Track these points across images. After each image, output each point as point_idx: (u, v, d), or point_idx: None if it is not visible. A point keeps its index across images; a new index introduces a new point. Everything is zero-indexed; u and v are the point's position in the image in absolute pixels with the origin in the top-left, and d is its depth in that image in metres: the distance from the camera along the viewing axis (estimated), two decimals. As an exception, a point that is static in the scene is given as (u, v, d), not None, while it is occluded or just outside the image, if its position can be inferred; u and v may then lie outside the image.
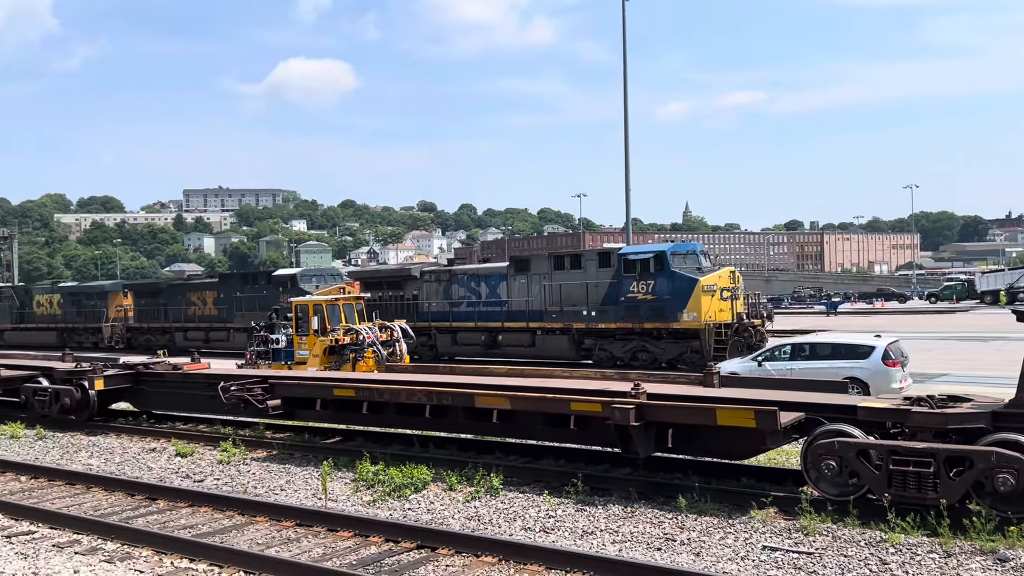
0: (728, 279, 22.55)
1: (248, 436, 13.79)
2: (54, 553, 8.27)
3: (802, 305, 74.73)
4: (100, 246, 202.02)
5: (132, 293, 40.27)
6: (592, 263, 24.21)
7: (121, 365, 16.49)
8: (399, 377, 13.53)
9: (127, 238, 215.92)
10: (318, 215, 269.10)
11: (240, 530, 8.95)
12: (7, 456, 13.30)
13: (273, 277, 34.65)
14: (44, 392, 15.74)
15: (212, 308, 35.72)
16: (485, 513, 9.24)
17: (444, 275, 28.17)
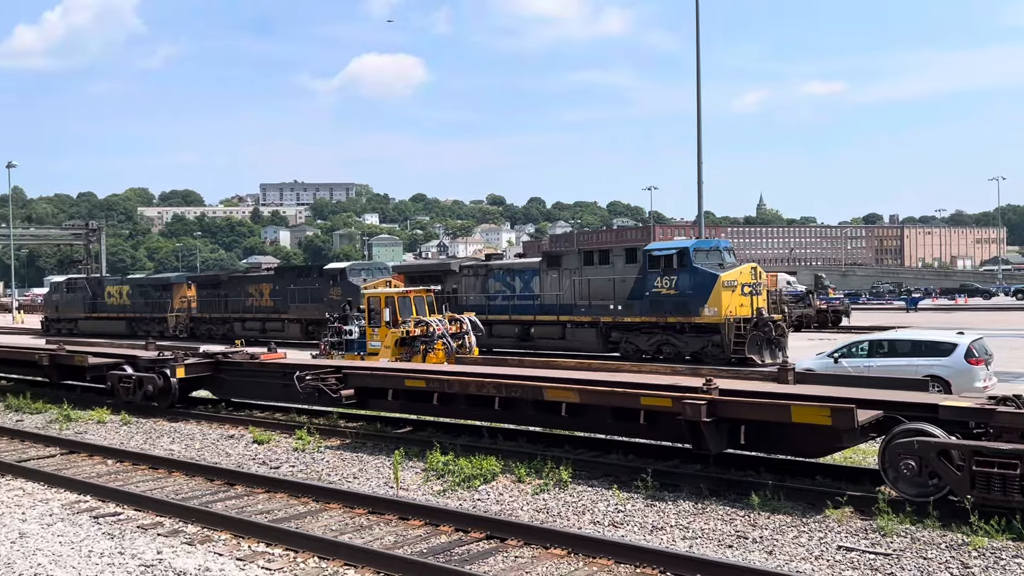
0: (750, 275, 23.08)
1: (322, 425, 14.07)
2: (139, 534, 8.59)
3: (880, 301, 72.70)
4: (181, 238, 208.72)
5: (195, 285, 41.67)
6: (620, 259, 24.90)
7: (201, 354, 16.99)
8: (469, 369, 13.65)
9: (206, 231, 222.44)
10: (390, 209, 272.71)
11: (314, 516, 9.16)
12: (95, 440, 13.85)
13: (324, 271, 35.83)
14: (129, 379, 16.33)
15: (268, 300, 37.07)
16: (554, 506, 9.26)
17: (481, 270, 29.04)
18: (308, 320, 34.95)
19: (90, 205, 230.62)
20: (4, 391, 19.54)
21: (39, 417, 16.36)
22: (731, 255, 24.32)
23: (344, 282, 33.78)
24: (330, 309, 32.76)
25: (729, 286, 22.42)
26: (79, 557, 7.86)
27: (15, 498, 10.21)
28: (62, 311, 47.13)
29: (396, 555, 7.45)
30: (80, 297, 46.24)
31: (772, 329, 22.41)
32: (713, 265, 23.09)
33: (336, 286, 33.96)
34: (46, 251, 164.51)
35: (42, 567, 7.60)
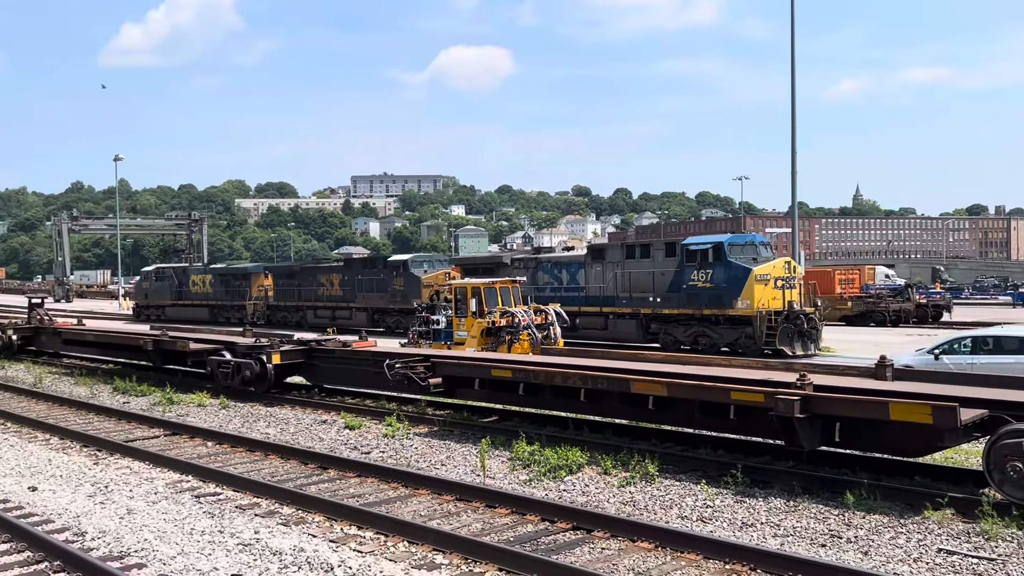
0: (783, 269, 23.79)
1: (411, 412, 14.32)
2: (237, 514, 8.92)
3: (985, 296, 69.49)
4: (275, 229, 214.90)
5: (272, 275, 43.34)
6: (659, 252, 25.87)
7: (296, 341, 17.50)
8: (554, 360, 13.66)
9: (300, 222, 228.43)
10: (476, 200, 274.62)
11: (404, 501, 9.34)
12: (196, 423, 14.42)
13: (388, 262, 37.40)
14: (227, 365, 16.94)
15: (338, 289, 38.41)
16: (640, 499, 9.21)
17: (531, 262, 30.16)
18: (374, 309, 36.38)
19: (190, 196, 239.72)
20: (112, 374, 20.54)
21: (144, 400, 17.13)
22: (768, 249, 25.11)
23: (406, 273, 35.15)
24: (393, 299, 35.12)
25: (762, 280, 23.17)
26: (182, 534, 8.21)
27: (123, 476, 10.74)
28: (151, 298, 49.59)
29: (483, 542, 7.54)
30: (167, 285, 48.63)
31: (804, 322, 23.06)
32: (747, 259, 23.83)
33: (399, 277, 35.40)
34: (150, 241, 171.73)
35: (148, 542, 7.98)
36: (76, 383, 19.80)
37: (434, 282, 33.03)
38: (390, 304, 35.45)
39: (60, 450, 12.50)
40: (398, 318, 34.39)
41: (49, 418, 15.02)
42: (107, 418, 15.22)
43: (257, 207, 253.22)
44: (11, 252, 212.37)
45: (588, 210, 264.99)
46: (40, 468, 11.24)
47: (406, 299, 34.13)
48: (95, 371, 21.77)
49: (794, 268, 24.32)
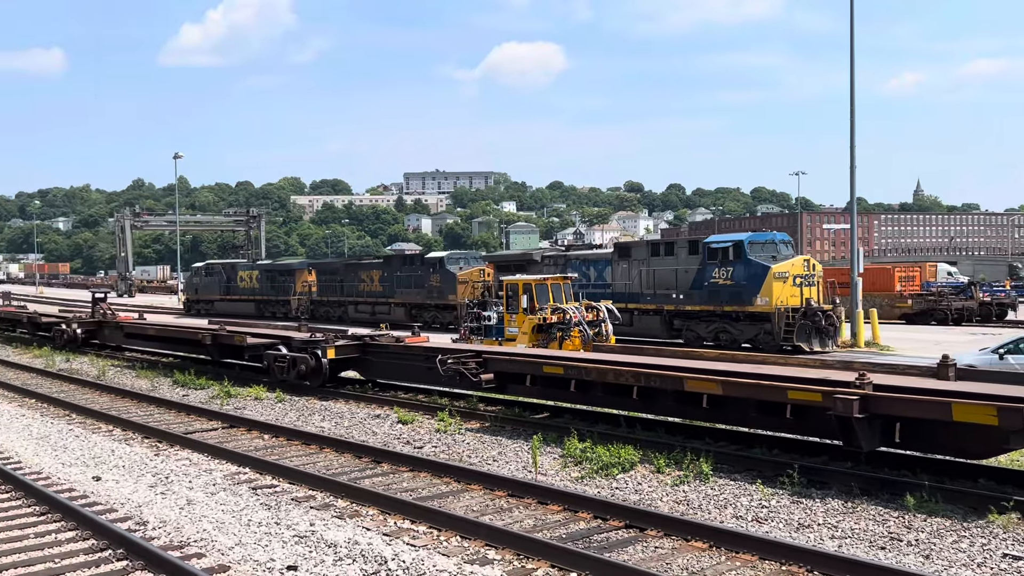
0: (802, 267, 24.37)
1: (462, 407, 14.38)
2: (293, 506, 9.06)
3: (1052, 294, 67.11)
4: (330, 225, 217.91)
5: (315, 271, 44.56)
6: (683, 250, 26.55)
7: (350, 336, 17.71)
8: (606, 357, 13.59)
9: (353, 218, 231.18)
10: (527, 196, 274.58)
11: (456, 496, 9.39)
12: (253, 416, 14.68)
13: (426, 259, 38.68)
14: (283, 359, 17.20)
15: (378, 285, 39.50)
16: (694, 498, 9.11)
17: (560, 259, 31.10)
18: (411, 304, 37.38)
19: (247, 193, 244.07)
20: (172, 368, 21.02)
21: (202, 393, 17.50)
22: (788, 248, 25.64)
23: (442, 270, 36.04)
24: (430, 294, 36.37)
25: (780, 277, 23.74)
26: (239, 525, 8.37)
27: (183, 467, 10.98)
28: (201, 293, 51.20)
29: (536, 538, 7.53)
30: (216, 281, 50.23)
31: (822, 318, 23.53)
32: (766, 257, 24.40)
33: (435, 273, 36.31)
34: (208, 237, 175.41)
35: (207, 532, 8.15)
36: (138, 376, 20.32)
37: (469, 278, 34.48)
38: (427, 300, 36.54)
39: (123, 441, 12.84)
40: (435, 313, 35.69)
41: (112, 410, 15.44)
42: (167, 410, 15.59)
43: (312, 204, 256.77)
44: (75, 248, 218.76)
45: (640, 206, 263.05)
46: (104, 458, 11.56)
47: (442, 295, 35.49)
48: (156, 364, 22.31)
49: (813, 266, 24.79)
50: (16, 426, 14.16)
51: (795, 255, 25.23)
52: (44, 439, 13.01)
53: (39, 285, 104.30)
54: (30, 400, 17.08)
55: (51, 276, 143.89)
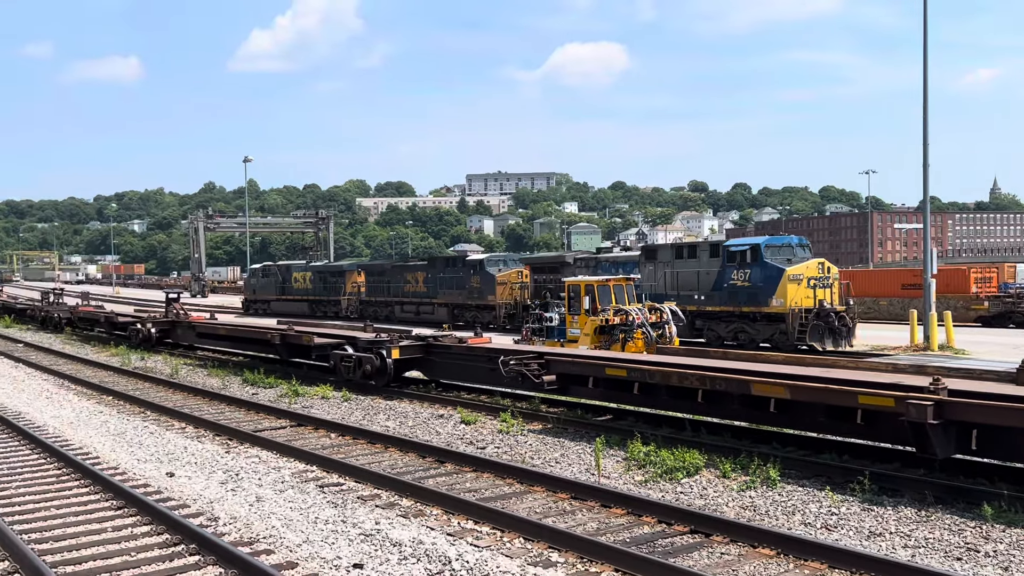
0: (816, 270, 25.16)
1: (525, 408, 14.39)
2: (359, 504, 9.19)
3: None
4: (394, 227, 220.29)
5: (364, 272, 46.14)
6: (705, 253, 27.56)
7: (414, 337, 17.88)
8: (670, 360, 13.45)
9: (417, 220, 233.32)
10: (589, 197, 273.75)
11: (519, 498, 9.40)
12: (319, 415, 14.94)
13: (467, 261, 39.60)
14: (349, 359, 17.46)
15: (422, 286, 40.82)
16: (761, 504, 8.96)
17: (591, 261, 32.70)
18: (453, 304, 38.51)
19: (314, 196, 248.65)
20: (242, 366, 21.53)
21: (271, 391, 17.87)
22: (805, 251, 26.54)
23: (482, 271, 37.03)
24: (470, 295, 37.46)
25: (795, 279, 24.58)
26: (307, 523, 8.52)
27: (252, 465, 11.23)
28: (258, 294, 53.25)
29: (599, 542, 7.49)
30: (272, 282, 52.24)
31: (835, 319, 24.21)
32: (782, 260, 25.35)
33: (476, 275, 37.31)
34: (276, 238, 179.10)
35: (275, 529, 8.32)
36: (209, 374, 20.85)
37: (507, 280, 36.08)
38: (468, 300, 37.59)
39: (195, 438, 13.19)
40: (475, 313, 36.85)
41: (185, 407, 15.87)
42: (237, 408, 15.96)
43: (377, 206, 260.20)
44: (149, 249, 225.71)
45: (705, 206, 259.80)
46: (177, 455, 11.90)
47: (482, 295, 36.61)
48: (226, 363, 22.87)
49: (828, 268, 25.56)
50: (94, 423, 14.67)
51: (811, 258, 26.12)
52: (120, 435, 13.45)
53: (115, 286, 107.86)
54: (107, 397, 17.68)
55: (127, 277, 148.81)
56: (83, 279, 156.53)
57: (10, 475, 10.76)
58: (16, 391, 18.77)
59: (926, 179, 26.71)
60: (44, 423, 14.61)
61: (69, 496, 9.69)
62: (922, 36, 26.29)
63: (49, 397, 17.79)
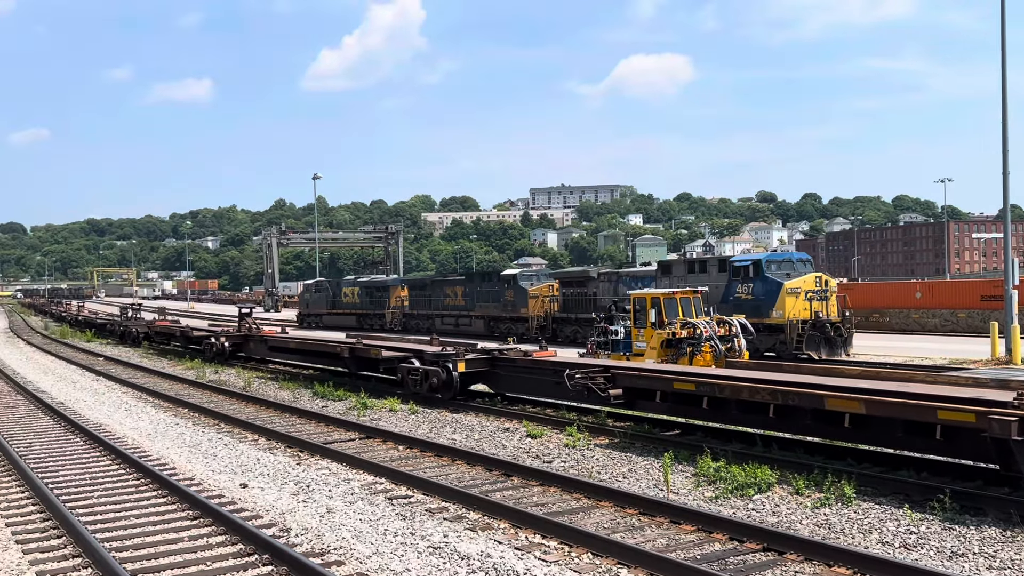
0: (813, 283, 26.63)
1: (591, 422, 14.31)
2: (427, 517, 9.25)
3: None
4: (458, 241, 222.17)
5: (407, 287, 48.07)
6: (714, 268, 29.20)
7: (479, 350, 17.95)
8: (740, 374, 13.22)
9: (481, 234, 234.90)
10: (653, 209, 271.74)
11: (587, 512, 9.34)
12: (388, 427, 15.09)
13: (501, 276, 41.30)
14: (416, 372, 17.62)
15: (461, 299, 42.42)
16: (836, 521, 8.72)
17: (613, 276, 34.92)
18: (489, 316, 39.99)
19: (380, 211, 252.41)
20: (312, 379, 21.91)
21: (340, 404, 18.13)
22: (805, 266, 28.13)
23: (515, 286, 38.48)
24: (505, 308, 38.91)
25: (793, 293, 26.08)
26: (376, 534, 8.60)
27: (323, 476, 11.40)
28: (311, 308, 55.53)
29: (669, 558, 7.38)
30: (324, 296, 54.46)
31: (829, 329, 25.75)
32: (781, 275, 26.94)
33: (510, 288, 38.75)
34: (345, 253, 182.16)
35: (346, 541, 8.42)
36: (280, 387, 21.27)
37: (539, 293, 37.23)
38: (503, 313, 38.99)
39: (267, 450, 13.46)
40: (509, 325, 37.91)
41: (257, 420, 16.21)
42: (308, 421, 16.24)
43: (441, 220, 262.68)
44: (222, 265, 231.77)
45: (774, 217, 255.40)
46: (250, 466, 12.15)
47: (515, 308, 38.07)
48: (297, 376, 23.31)
49: (826, 282, 27.12)
50: (171, 434, 15.09)
51: (810, 273, 27.55)
52: (196, 447, 13.80)
53: (190, 300, 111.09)
54: (183, 410, 18.17)
55: (201, 292, 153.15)
56: (159, 295, 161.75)
57: (92, 485, 11.13)
58: (97, 403, 19.44)
59: (1006, 187, 25.80)
60: (124, 435, 15.09)
61: (147, 506, 9.97)
62: (1000, 39, 25.46)
63: (128, 409, 18.38)
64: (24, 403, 19.60)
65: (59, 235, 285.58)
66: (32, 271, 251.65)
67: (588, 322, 32.10)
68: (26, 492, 10.66)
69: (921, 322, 37.83)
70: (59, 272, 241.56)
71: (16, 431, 15.41)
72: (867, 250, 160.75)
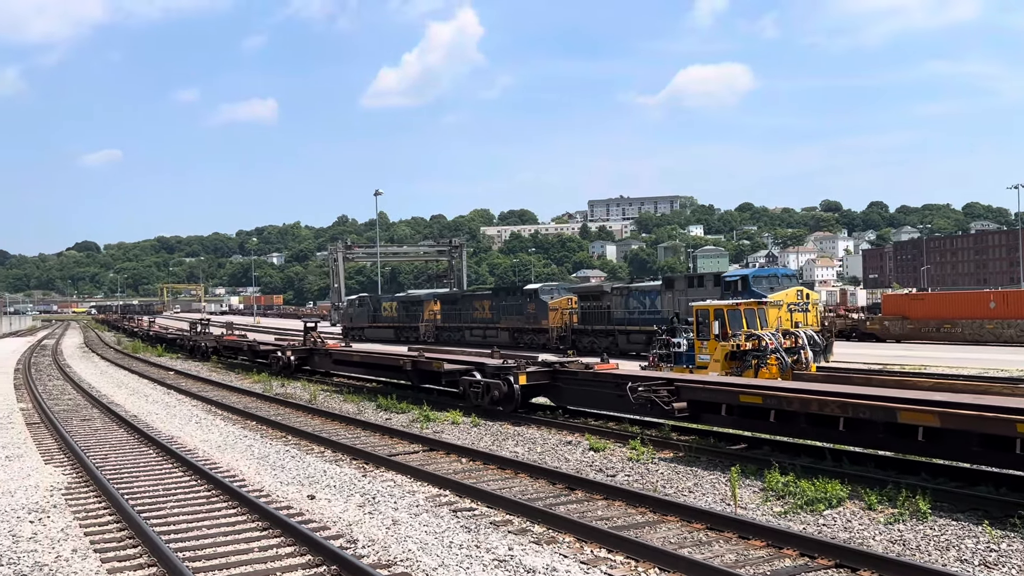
0: (795, 296, 28.88)
1: (654, 436, 14.16)
2: (491, 530, 9.25)
3: None
4: (517, 255, 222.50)
5: (440, 301, 50.74)
6: (710, 283, 32.16)
7: (540, 363, 17.94)
8: (808, 386, 12.96)
9: (539, 247, 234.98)
10: (714, 219, 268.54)
11: (652, 527, 9.23)
12: (450, 439, 15.16)
13: (524, 290, 43.70)
14: (477, 384, 17.69)
15: (488, 312, 45.03)
16: (911, 538, 8.47)
17: (624, 291, 37.45)
18: (513, 328, 42.34)
19: (440, 226, 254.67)
20: (375, 392, 22.15)
21: (403, 416, 18.29)
22: (791, 280, 31.04)
23: (537, 299, 40.92)
24: (527, 320, 41.26)
25: (774, 305, 27.27)
26: (442, 547, 8.64)
27: (388, 488, 11.50)
28: (354, 321, 58.51)
29: (739, 574, 7.26)
30: (365, 311, 57.94)
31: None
32: (765, 288, 29.55)
33: (532, 302, 41.20)
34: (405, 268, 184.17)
35: (412, 553, 8.47)
36: (344, 400, 21.56)
37: (559, 306, 39.45)
38: (525, 325, 41.33)
39: (333, 462, 13.64)
40: (532, 336, 40.47)
41: (323, 432, 16.45)
42: (372, 433, 16.42)
43: (500, 234, 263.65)
44: (287, 280, 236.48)
45: (839, 226, 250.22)
46: (316, 478, 12.33)
47: (536, 320, 40.40)
48: (361, 389, 23.60)
49: (807, 295, 29.61)
50: (240, 446, 15.40)
51: (793, 287, 30.11)
52: (264, 459, 14.06)
53: (256, 315, 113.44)
54: (251, 422, 18.54)
55: (266, 307, 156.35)
56: (226, 310, 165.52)
57: (165, 495, 11.42)
58: (169, 416, 19.96)
59: (1086, 191, 24.84)
60: (195, 447, 15.45)
61: (218, 516, 10.18)
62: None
63: (198, 422, 18.83)
64: (100, 416, 20.24)
65: (130, 252, 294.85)
66: (105, 288, 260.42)
67: (603, 333, 35.79)
68: (103, 502, 10.99)
69: (995, 333, 36.61)
70: (131, 288, 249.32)
71: (92, 443, 15.91)
72: (936, 259, 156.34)
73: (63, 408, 21.85)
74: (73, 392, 26.48)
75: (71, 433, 16.87)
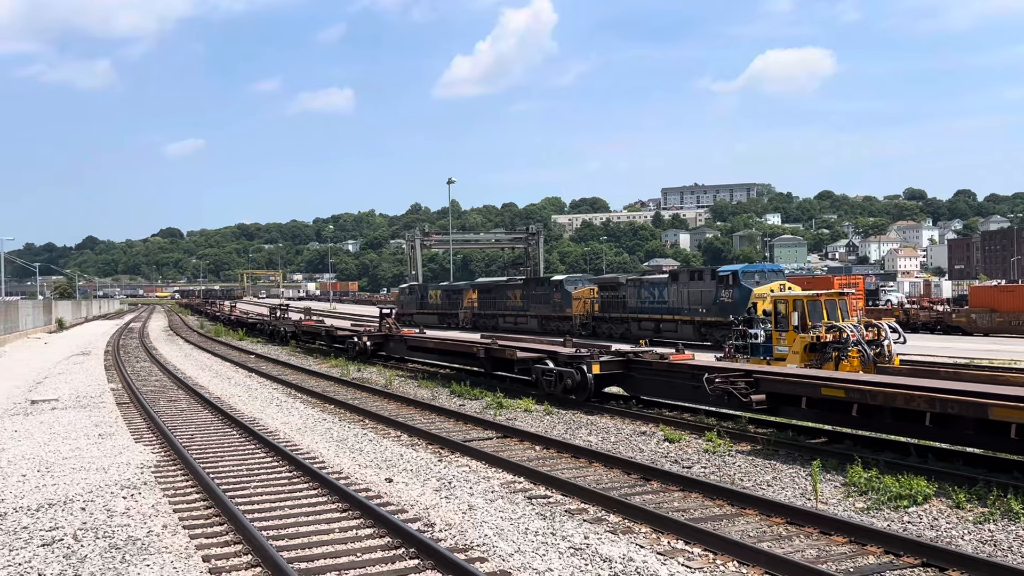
0: (777, 289, 29.94)
1: (731, 428, 13.97)
2: (567, 518, 9.27)
3: None
4: (588, 243, 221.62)
5: (477, 290, 54.07)
6: (708, 276, 34.70)
7: (614, 352, 17.84)
8: (893, 380, 12.58)
9: (611, 235, 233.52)
10: (792, 208, 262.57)
11: (730, 520, 9.12)
12: (523, 427, 15.22)
13: (551, 281, 46.90)
14: (550, 373, 17.71)
15: (519, 301, 47.99)
16: (1002, 538, 8.17)
17: (637, 282, 40.24)
18: (541, 316, 45.24)
19: (511, 214, 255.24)
20: (449, 379, 22.38)
21: (476, 403, 18.44)
22: (777, 275, 33.50)
23: (562, 289, 43.75)
24: (553, 309, 44.10)
25: (760, 297, 28.64)
26: (517, 533, 8.70)
27: (463, 473, 11.62)
28: (405, 307, 60.95)
29: (821, 570, 7.12)
30: (415, 298, 61.82)
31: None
32: (752, 282, 32.04)
33: (557, 292, 44.17)
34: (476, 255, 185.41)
35: (488, 538, 8.55)
36: (419, 386, 21.84)
37: (581, 296, 41.88)
38: (552, 313, 44.18)
39: (409, 446, 13.85)
40: (557, 324, 42.66)
41: (399, 417, 16.71)
42: (446, 419, 16.60)
43: (571, 222, 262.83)
44: (362, 267, 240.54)
45: (923, 215, 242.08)
46: (394, 462, 12.53)
47: (562, 309, 43.20)
48: (435, 375, 23.87)
49: (788, 288, 30.82)
50: (319, 429, 15.76)
51: (778, 281, 32.01)
52: (343, 442, 14.36)
53: (332, 301, 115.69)
54: (330, 406, 18.95)
55: (342, 293, 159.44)
56: (304, 295, 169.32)
57: (249, 475, 11.77)
58: (250, 399, 20.54)
59: None
60: (276, 429, 15.87)
61: (300, 497, 10.45)
62: None
63: (279, 405, 19.33)
64: (185, 397, 20.96)
65: (212, 239, 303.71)
66: (188, 273, 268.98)
67: (618, 320, 38.60)
68: (191, 481, 11.39)
69: (1093, 327, 34.91)
70: (212, 274, 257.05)
71: (179, 423, 16.49)
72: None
73: (150, 389, 22.71)
74: (160, 373, 27.48)
75: (159, 413, 17.51)
